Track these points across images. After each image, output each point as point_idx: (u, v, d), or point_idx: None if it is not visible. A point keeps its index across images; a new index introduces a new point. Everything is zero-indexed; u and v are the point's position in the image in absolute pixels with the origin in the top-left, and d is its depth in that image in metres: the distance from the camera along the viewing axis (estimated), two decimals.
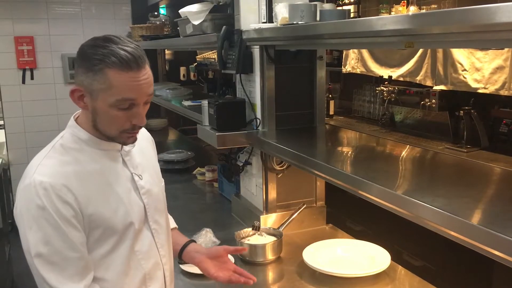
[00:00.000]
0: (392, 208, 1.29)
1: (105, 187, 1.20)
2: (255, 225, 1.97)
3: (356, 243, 1.94)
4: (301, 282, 1.72)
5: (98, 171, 1.19)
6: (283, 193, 2.14)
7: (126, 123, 1.16)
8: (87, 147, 1.19)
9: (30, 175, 1.14)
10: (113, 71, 1.10)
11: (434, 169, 1.71)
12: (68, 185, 1.13)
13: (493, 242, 0.96)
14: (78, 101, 1.15)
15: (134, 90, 1.13)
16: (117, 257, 1.21)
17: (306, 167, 1.67)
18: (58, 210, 1.11)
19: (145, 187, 1.27)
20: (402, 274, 1.76)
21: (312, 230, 2.13)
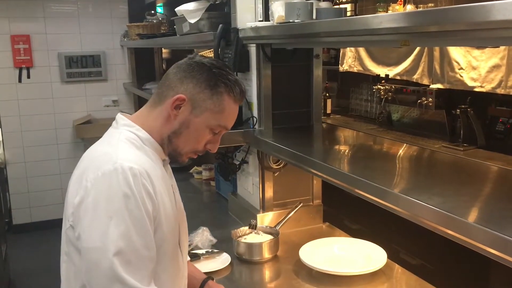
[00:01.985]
0: (388, 206, 1.29)
1: (166, 191, 1.17)
2: (252, 223, 1.97)
3: (353, 241, 1.94)
4: (298, 281, 1.72)
5: (160, 172, 1.17)
6: (280, 191, 2.13)
7: (201, 145, 1.20)
8: (146, 147, 1.16)
9: (113, 161, 1.05)
10: (230, 100, 1.17)
11: (430, 167, 1.71)
12: (151, 176, 1.08)
13: (489, 241, 0.96)
14: (173, 108, 1.15)
15: (232, 122, 1.22)
16: (168, 273, 1.17)
17: (302, 165, 1.67)
18: (144, 201, 1.05)
19: (178, 203, 1.26)
20: (398, 272, 1.76)
21: (309, 228, 2.13)
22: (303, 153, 1.67)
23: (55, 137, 4.50)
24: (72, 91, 4.49)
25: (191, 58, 1.19)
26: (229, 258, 1.85)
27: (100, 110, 4.58)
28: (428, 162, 1.80)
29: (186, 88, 1.14)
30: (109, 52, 4.55)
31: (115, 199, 1.01)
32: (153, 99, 1.20)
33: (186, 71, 1.16)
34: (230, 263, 1.84)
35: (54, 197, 4.51)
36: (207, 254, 1.88)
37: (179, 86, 1.15)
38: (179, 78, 1.16)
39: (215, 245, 1.98)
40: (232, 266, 1.84)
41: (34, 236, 4.34)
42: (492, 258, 0.99)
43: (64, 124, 4.48)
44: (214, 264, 1.81)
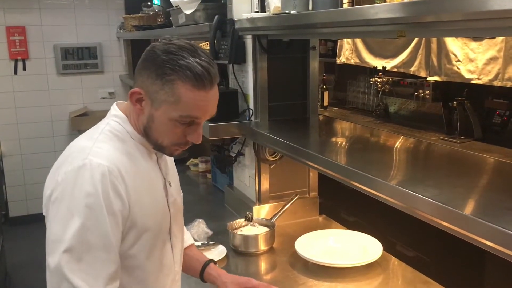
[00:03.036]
0: (384, 198, 1.29)
1: (149, 187, 1.13)
2: (248, 216, 1.97)
3: (348, 233, 1.94)
4: (293, 273, 1.72)
5: (144, 167, 1.13)
6: (276, 184, 2.13)
7: (181, 138, 1.11)
8: (131, 140, 1.12)
9: (83, 157, 1.02)
10: (185, 87, 1.04)
11: (427, 160, 1.71)
12: (123, 173, 1.05)
13: (485, 232, 0.96)
14: (135, 103, 1.09)
15: (201, 109, 1.08)
16: (147, 269, 1.12)
17: (299, 157, 1.67)
18: (110, 200, 1.01)
19: (173, 196, 1.22)
20: (394, 264, 1.76)
21: (305, 220, 2.13)
22: (299, 145, 1.66)
23: (51, 129, 4.48)
24: (68, 83, 4.47)
25: (153, 44, 1.10)
26: (225, 250, 1.85)
27: (97, 102, 4.56)
28: (424, 154, 1.80)
29: (142, 80, 1.07)
30: (105, 44, 4.52)
31: (78, 196, 1.00)
32: None
33: (142, 61, 1.09)
34: (226, 255, 1.84)
35: None
36: (203, 246, 1.88)
37: (138, 78, 1.09)
38: (138, 69, 1.09)
39: (211, 237, 1.97)
40: (228, 258, 1.84)
41: (30, 228, 4.33)
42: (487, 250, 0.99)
43: (60, 116, 4.46)
44: (210, 256, 1.79)
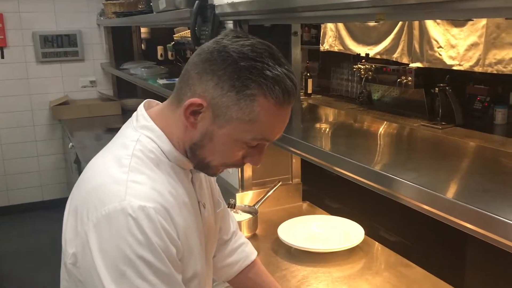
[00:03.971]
0: (367, 183, 1.29)
1: (190, 218, 0.93)
2: (231, 203, 1.96)
3: (331, 219, 1.95)
4: (277, 258, 1.72)
5: (185, 195, 0.93)
6: (259, 171, 2.12)
7: (238, 160, 0.92)
8: (165, 160, 0.91)
9: (120, 197, 0.82)
10: (267, 104, 0.84)
11: (409, 145, 1.72)
12: (169, 211, 0.86)
13: (466, 216, 0.97)
14: (189, 115, 0.87)
15: (278, 130, 0.89)
16: None
17: (282, 144, 1.66)
18: (167, 247, 0.83)
19: (207, 219, 1.03)
20: (376, 248, 1.78)
21: (288, 207, 2.13)
22: None
23: (31, 118, 4.40)
24: (48, 72, 4.38)
25: (217, 41, 0.87)
26: None
27: (78, 91, 4.49)
28: (406, 140, 1.81)
29: (205, 88, 0.85)
30: (85, 31, 4.44)
31: (126, 250, 0.80)
32: (174, 96, 0.93)
33: (206, 62, 0.85)
34: None
35: (32, 180, 4.44)
36: None
37: (197, 85, 0.86)
38: (198, 73, 0.86)
39: None
40: None
41: (13, 219, 4.27)
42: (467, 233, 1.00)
43: (41, 105, 4.38)
44: None
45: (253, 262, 1.24)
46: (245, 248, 1.25)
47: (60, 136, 4.46)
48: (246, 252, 1.24)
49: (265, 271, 1.26)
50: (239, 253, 1.23)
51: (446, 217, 1.05)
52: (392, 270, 1.60)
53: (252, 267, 1.23)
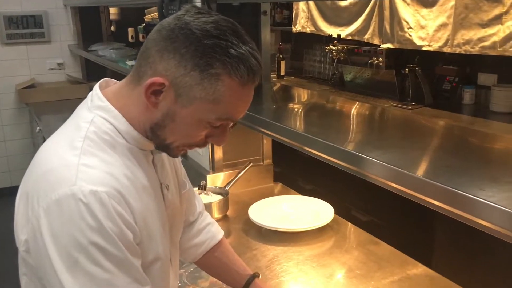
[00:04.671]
0: (337, 163, 1.29)
1: (150, 201, 0.90)
2: (201, 184, 1.94)
3: (301, 199, 1.95)
4: (247, 239, 1.72)
5: (144, 177, 0.89)
6: (230, 152, 2.10)
7: (201, 140, 0.89)
8: (122, 141, 0.87)
9: (70, 182, 0.78)
10: (232, 83, 0.81)
11: (379, 125, 1.72)
12: (125, 195, 0.82)
13: (432, 192, 0.98)
14: (150, 95, 0.83)
15: (242, 109, 0.86)
16: None
17: (252, 125, 1.64)
18: (122, 232, 0.80)
19: (171, 201, 1.00)
20: (346, 227, 1.79)
21: (260, 188, 2.12)
22: (253, 112, 1.63)
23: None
24: (14, 54, 4.23)
25: (178, 17, 0.83)
26: None
27: (45, 73, 4.35)
28: (377, 120, 1.82)
29: (166, 67, 0.81)
30: (52, 12, 4.29)
31: (79, 237, 0.77)
32: (133, 74, 0.89)
33: (168, 40, 0.81)
34: None
35: (0, 165, 4.33)
36: None
37: (158, 63, 0.82)
38: (159, 50, 0.82)
39: None
40: None
41: None
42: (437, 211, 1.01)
43: (6, 88, 4.23)
44: None
45: (219, 242, 1.22)
46: (211, 228, 1.23)
47: (28, 120, 4.34)
48: (212, 232, 1.23)
49: (231, 250, 1.25)
50: (205, 233, 1.21)
51: (414, 194, 1.06)
52: (362, 248, 1.62)
53: (218, 247, 1.22)
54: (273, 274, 1.47)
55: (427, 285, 1.38)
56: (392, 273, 1.45)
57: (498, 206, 0.84)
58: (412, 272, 1.45)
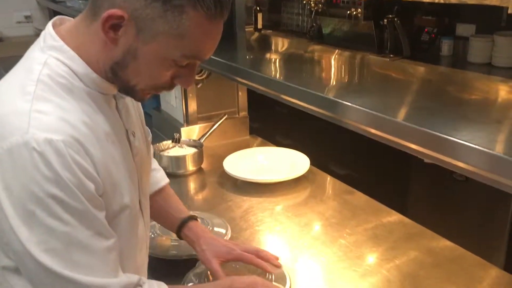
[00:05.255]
0: (314, 110, 1.26)
1: (113, 149, 0.84)
2: (175, 137, 1.90)
3: (277, 150, 1.93)
4: (222, 191, 1.70)
5: (107, 123, 0.84)
6: (204, 104, 2.06)
7: (167, 82, 0.83)
8: (80, 85, 0.81)
9: (22, 130, 0.72)
10: (197, 16, 0.75)
11: (358, 74, 1.69)
12: (84, 143, 0.76)
13: (412, 136, 0.96)
14: (108, 29, 0.77)
15: (210, 47, 0.81)
16: (123, 251, 0.87)
17: (227, 73, 1.59)
18: (81, 183, 0.75)
19: (139, 149, 0.94)
20: (321, 177, 1.79)
21: (235, 141, 2.09)
22: (227, 60, 1.58)
23: None
24: None
25: None
26: None
27: (12, 27, 4.15)
28: (355, 69, 1.79)
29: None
30: None
31: (34, 188, 0.72)
32: (88, 9, 0.81)
33: None
34: None
35: None
36: None
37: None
38: None
39: None
40: None
41: None
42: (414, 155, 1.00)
43: None
44: None
45: (162, 188, 1.20)
46: (156, 174, 1.20)
47: None
48: (156, 178, 1.20)
49: (174, 196, 1.23)
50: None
51: (389, 138, 1.04)
52: (337, 198, 1.62)
53: (160, 193, 1.20)
54: (247, 225, 1.46)
55: (400, 231, 1.39)
56: (366, 221, 1.46)
57: (472, 145, 0.83)
58: (386, 220, 1.46)
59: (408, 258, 1.27)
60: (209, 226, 1.35)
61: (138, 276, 0.84)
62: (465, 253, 1.29)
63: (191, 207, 1.56)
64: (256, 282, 0.99)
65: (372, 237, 1.37)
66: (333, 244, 1.34)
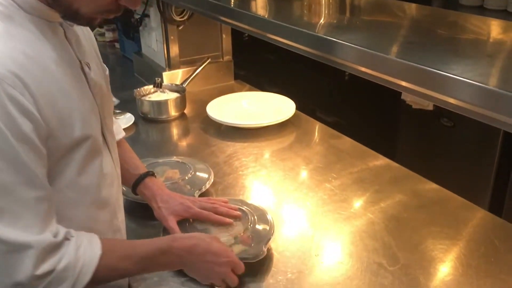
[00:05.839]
0: (304, 50, 1.19)
1: (63, 79, 0.78)
2: (157, 82, 1.83)
3: (262, 95, 1.88)
4: (206, 136, 1.65)
5: (54, 52, 0.78)
6: (187, 48, 1.97)
7: (111, 3, 0.77)
8: (20, 12, 0.75)
9: None
10: None
11: (347, 12, 1.62)
12: (23, 77, 0.70)
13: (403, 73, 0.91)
14: None
15: None
16: (85, 185, 0.84)
17: (210, 13, 1.50)
18: (13, 121, 0.68)
19: (96, 82, 0.89)
20: (307, 122, 1.75)
21: (219, 86, 2.03)
22: None
23: None
24: None
25: None
26: (133, 118, 1.72)
27: None
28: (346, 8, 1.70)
29: None
30: None
31: None
32: None
33: None
34: (135, 123, 1.72)
35: None
36: None
37: None
38: None
39: (117, 106, 1.83)
40: (137, 125, 1.73)
41: None
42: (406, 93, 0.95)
43: None
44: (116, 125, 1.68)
45: (118, 142, 1.08)
46: None
47: None
48: None
49: (129, 151, 1.17)
50: None
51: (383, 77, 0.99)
52: (323, 142, 1.59)
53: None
54: (231, 169, 1.43)
55: (386, 175, 1.37)
56: (352, 165, 1.43)
57: (463, 79, 0.79)
58: (373, 164, 1.44)
59: (393, 201, 1.25)
60: (191, 171, 1.32)
61: (66, 230, 0.78)
62: (450, 195, 1.27)
63: (174, 153, 1.53)
64: (198, 245, 0.91)
65: (357, 181, 1.35)
66: (318, 188, 1.32)
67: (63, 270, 0.75)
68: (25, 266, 0.71)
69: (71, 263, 0.75)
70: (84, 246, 0.78)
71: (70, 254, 0.76)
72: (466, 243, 1.09)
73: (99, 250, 0.80)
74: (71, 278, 0.75)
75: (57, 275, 0.74)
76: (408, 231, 1.13)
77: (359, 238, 1.11)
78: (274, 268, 1.02)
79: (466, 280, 0.97)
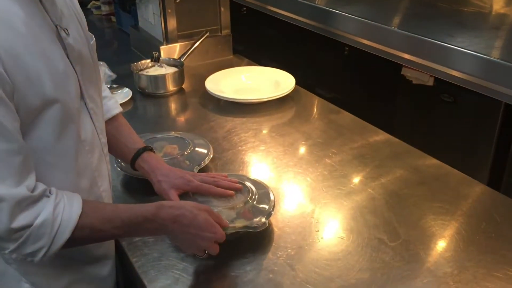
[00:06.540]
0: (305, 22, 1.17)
1: (30, 39, 0.77)
2: (154, 56, 1.80)
3: (261, 70, 1.85)
4: (205, 111, 1.63)
5: (18, 13, 0.76)
6: (184, 21, 1.93)
7: None
8: None
9: None
10: None
11: None
12: None
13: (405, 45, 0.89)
14: None
15: None
16: (61, 150, 0.84)
17: None
18: None
19: (75, 48, 0.87)
20: (307, 97, 1.73)
21: (218, 60, 2.00)
22: None
23: None
24: None
25: None
26: (130, 93, 1.70)
27: None
28: None
29: None
30: None
31: None
32: None
33: None
34: (132, 97, 1.70)
35: None
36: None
37: None
38: None
39: (115, 80, 1.80)
40: (135, 101, 1.71)
41: None
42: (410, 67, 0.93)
43: None
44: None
45: (114, 117, 1.12)
46: (107, 102, 1.11)
47: None
48: (108, 106, 1.10)
49: (126, 126, 1.15)
50: None
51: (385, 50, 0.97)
52: (322, 117, 1.57)
53: (112, 122, 1.11)
54: (230, 145, 1.42)
55: (387, 150, 1.36)
56: (352, 140, 1.42)
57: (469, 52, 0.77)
58: (373, 139, 1.43)
59: (394, 176, 1.24)
60: (190, 147, 1.30)
61: (45, 187, 0.78)
62: (451, 170, 1.27)
63: (172, 128, 1.51)
64: (183, 215, 0.89)
65: (357, 156, 1.34)
66: (318, 164, 1.31)
67: (40, 226, 0.75)
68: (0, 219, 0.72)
69: (48, 219, 0.76)
70: (63, 204, 0.78)
71: (48, 210, 0.76)
72: (467, 219, 1.09)
73: (79, 209, 0.80)
74: (49, 234, 0.76)
75: (34, 230, 0.75)
76: (408, 206, 1.13)
77: (360, 213, 1.11)
78: (274, 244, 1.02)
79: (467, 255, 0.97)
